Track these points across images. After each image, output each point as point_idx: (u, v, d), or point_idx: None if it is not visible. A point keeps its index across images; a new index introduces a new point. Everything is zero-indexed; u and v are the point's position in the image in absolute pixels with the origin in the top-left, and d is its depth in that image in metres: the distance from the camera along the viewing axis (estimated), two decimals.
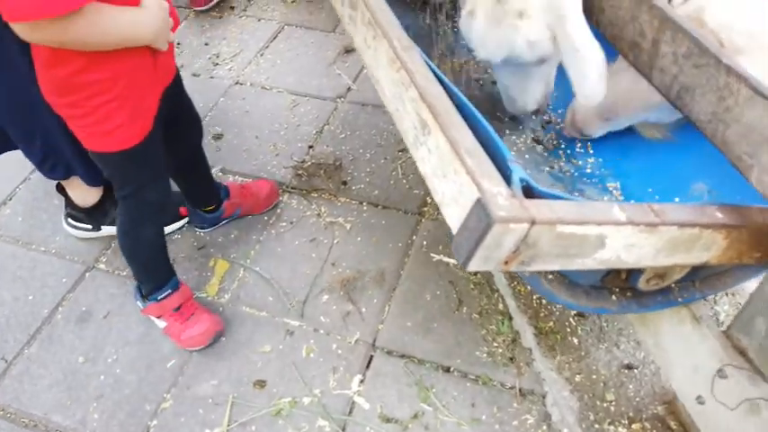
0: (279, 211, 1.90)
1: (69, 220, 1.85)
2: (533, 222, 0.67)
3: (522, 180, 0.74)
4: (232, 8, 2.81)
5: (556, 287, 0.95)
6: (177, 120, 1.50)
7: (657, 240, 0.78)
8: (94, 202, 1.80)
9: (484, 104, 1.48)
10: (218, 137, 2.16)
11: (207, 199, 1.80)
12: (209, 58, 2.52)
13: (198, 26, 2.71)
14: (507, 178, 0.74)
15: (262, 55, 2.52)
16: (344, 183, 1.95)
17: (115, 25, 1.11)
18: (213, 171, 2.03)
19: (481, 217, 0.67)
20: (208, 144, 2.12)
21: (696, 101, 0.99)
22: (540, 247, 0.71)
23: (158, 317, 1.58)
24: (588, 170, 1.34)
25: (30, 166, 1.88)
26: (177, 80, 1.47)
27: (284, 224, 1.85)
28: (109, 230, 1.83)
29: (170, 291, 1.55)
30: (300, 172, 1.99)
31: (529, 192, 0.75)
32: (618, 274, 0.99)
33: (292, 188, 1.96)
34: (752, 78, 0.88)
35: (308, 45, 2.56)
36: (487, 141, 0.80)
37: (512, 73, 1.25)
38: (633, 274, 0.97)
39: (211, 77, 2.42)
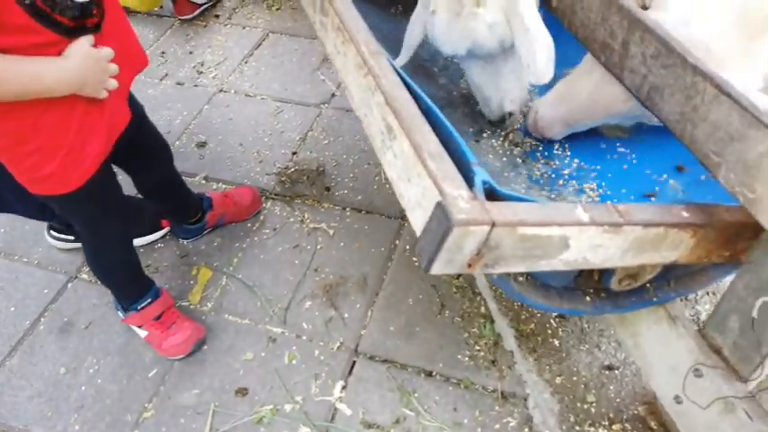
0: (262, 218, 1.89)
1: (51, 231, 1.84)
2: (494, 224, 0.67)
3: (485, 183, 0.74)
4: (217, 16, 2.81)
5: (527, 289, 0.95)
6: (142, 153, 1.49)
7: (623, 241, 0.78)
8: None
9: (461, 108, 1.48)
10: (201, 145, 2.16)
11: (189, 213, 1.79)
12: (194, 67, 2.52)
13: (182, 35, 2.71)
14: (471, 181, 0.75)
15: (246, 62, 2.52)
16: (328, 188, 1.95)
17: (14, 76, 1.03)
18: (197, 179, 2.04)
19: (442, 220, 0.67)
20: (191, 152, 2.13)
21: (665, 101, 0.99)
22: (503, 249, 0.71)
23: (139, 326, 1.57)
24: (565, 172, 1.34)
25: None
26: (137, 120, 1.40)
27: (267, 231, 1.85)
28: None
29: (150, 300, 1.54)
30: (284, 179, 1.99)
31: (493, 195, 0.75)
32: (590, 274, 0.99)
33: (276, 195, 1.95)
34: (717, 77, 0.88)
35: (293, 52, 2.56)
36: (453, 146, 0.80)
37: (481, 68, 1.28)
38: (605, 274, 0.97)
39: (195, 86, 2.42)
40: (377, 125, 0.88)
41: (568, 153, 1.38)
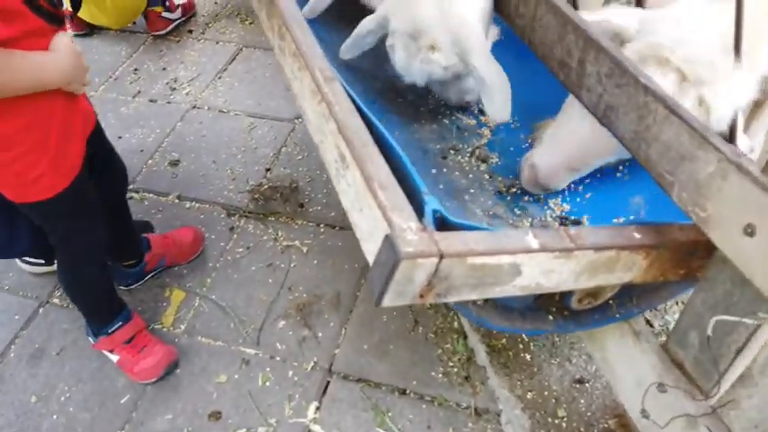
0: (236, 236, 1.88)
1: (25, 259, 1.82)
2: (442, 256, 0.67)
3: (435, 212, 0.74)
4: (190, 32, 2.80)
5: (487, 313, 0.95)
6: (99, 169, 1.47)
7: (575, 265, 0.78)
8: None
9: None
10: (174, 163, 2.14)
11: (127, 253, 1.71)
12: (167, 83, 2.50)
13: (156, 51, 2.69)
14: (422, 211, 0.75)
15: (219, 78, 2.51)
16: (301, 205, 1.94)
17: (24, 68, 1.10)
18: (170, 197, 2.02)
19: (390, 253, 0.67)
20: (164, 171, 2.11)
21: (620, 119, 1.00)
22: (454, 279, 0.71)
23: (110, 350, 1.55)
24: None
25: None
26: (98, 127, 1.43)
27: (241, 249, 1.84)
28: None
29: (121, 323, 1.53)
30: (257, 196, 1.98)
31: (445, 224, 0.75)
32: (551, 295, 0.99)
33: (249, 213, 1.95)
34: (668, 98, 0.89)
35: (266, 66, 2.56)
36: (406, 174, 0.81)
37: (440, 84, 1.34)
38: (566, 294, 0.98)
39: (168, 102, 2.41)
40: (331, 153, 0.88)
41: None
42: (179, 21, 2.80)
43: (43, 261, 1.81)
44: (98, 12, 2.54)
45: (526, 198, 1.29)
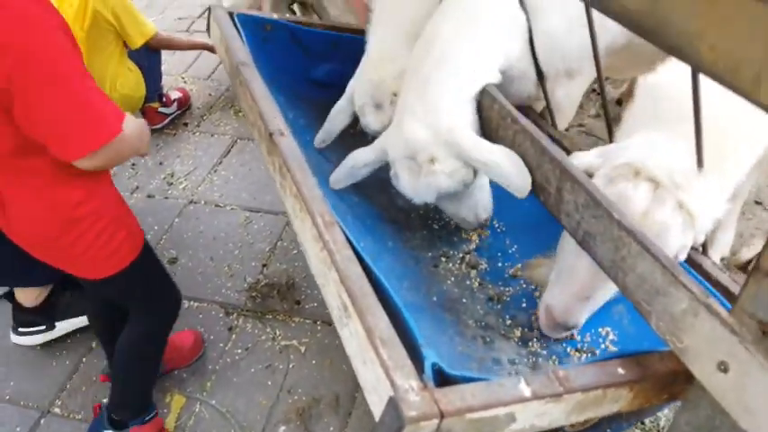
0: (234, 336, 1.92)
1: (19, 329, 1.85)
2: (443, 416, 0.73)
3: (434, 365, 0.80)
4: (185, 124, 2.92)
5: None
6: None
7: (565, 406, 0.84)
8: (42, 299, 1.85)
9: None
10: (173, 261, 2.20)
11: None
12: (164, 178, 2.59)
13: (152, 145, 2.79)
14: (421, 363, 0.81)
15: (215, 171, 2.61)
16: (298, 302, 1.99)
17: (135, 137, 1.31)
18: None
19: (394, 417, 0.72)
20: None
21: (598, 247, 1.07)
22: None
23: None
24: (520, 292, 1.42)
25: None
26: None
27: (239, 351, 1.87)
28: (63, 327, 1.90)
29: (154, 414, 1.62)
30: (254, 293, 2.03)
31: (442, 375, 0.81)
32: None
33: (247, 311, 1.99)
34: (639, 234, 0.97)
35: (260, 159, 2.65)
36: (404, 322, 0.87)
37: (450, 201, 1.37)
38: None
39: (166, 198, 2.49)
40: (334, 300, 0.94)
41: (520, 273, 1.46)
42: (175, 114, 2.92)
43: (44, 326, 1.85)
44: None
45: (515, 307, 1.36)
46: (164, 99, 2.85)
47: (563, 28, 1.36)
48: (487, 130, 1.36)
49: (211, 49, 2.90)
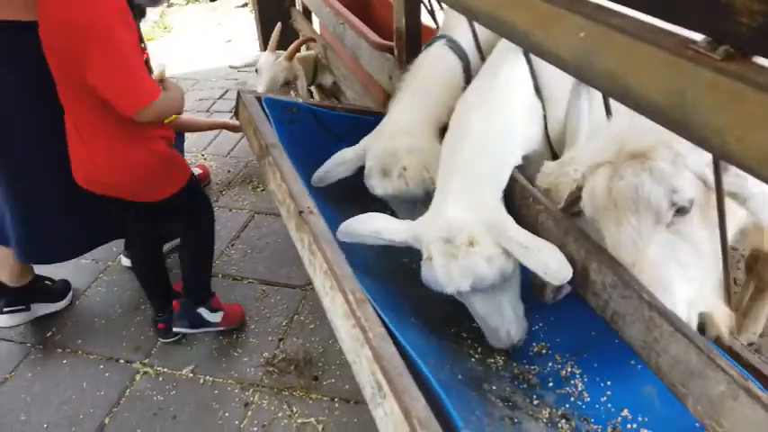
0: (250, 413, 1.88)
1: (3, 309, 2.17)
2: None
3: None
4: None
5: None
6: None
7: None
8: (26, 282, 2.21)
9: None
10: (191, 334, 2.19)
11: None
12: None
13: None
14: None
15: (233, 245, 2.64)
16: (316, 378, 1.97)
17: (172, 101, 1.87)
18: (184, 372, 2.04)
19: None
20: (179, 344, 2.15)
21: (627, 327, 1.08)
22: None
23: (219, 308, 2.15)
24: (546, 370, 1.40)
25: None
26: None
27: (255, 429, 1.83)
28: (37, 309, 2.28)
29: (214, 294, 2.19)
30: (271, 369, 2.01)
31: None
32: None
33: (264, 387, 1.96)
34: (672, 315, 0.98)
35: (277, 232, 2.70)
36: (439, 402, 0.86)
37: (483, 301, 1.33)
38: None
39: None
40: (366, 377, 0.94)
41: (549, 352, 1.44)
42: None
43: (23, 306, 2.20)
44: None
45: (542, 386, 1.34)
46: None
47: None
48: (509, 209, 1.39)
49: (231, 129, 3.01)
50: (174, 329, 2.13)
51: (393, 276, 1.60)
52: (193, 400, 1.93)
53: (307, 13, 3.53)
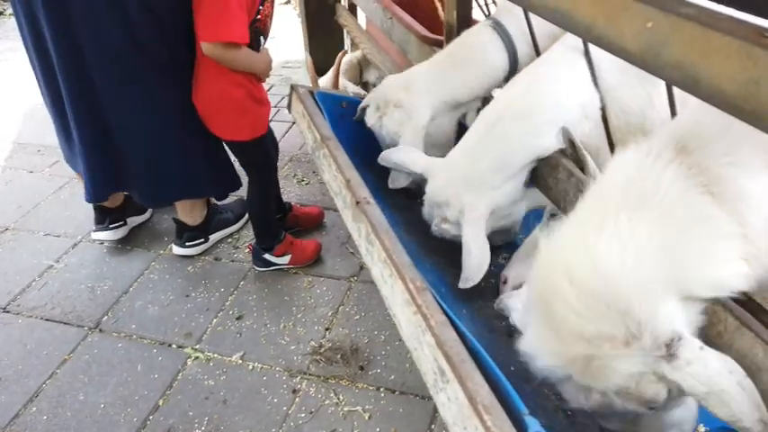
0: (298, 399, 1.92)
1: (186, 243, 2.55)
2: None
3: None
4: None
5: None
6: None
7: None
8: (202, 220, 2.56)
9: None
10: (239, 318, 2.25)
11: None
12: (230, 242, 2.69)
13: None
14: (523, 430, 0.81)
15: None
16: (362, 368, 2.00)
17: (253, 59, 2.06)
18: (233, 358, 2.10)
19: None
20: (228, 330, 2.21)
21: None
22: None
23: (283, 254, 2.42)
24: None
25: None
26: None
27: (303, 415, 1.87)
28: (215, 237, 2.66)
29: (285, 233, 2.45)
30: (318, 357, 2.05)
31: None
32: None
33: (310, 375, 2.00)
34: (736, 309, 0.97)
35: (322, 225, 2.75)
36: (500, 389, 0.88)
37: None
38: None
39: (232, 261, 2.57)
40: (428, 364, 0.96)
41: None
42: None
43: (202, 239, 2.60)
44: None
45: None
46: None
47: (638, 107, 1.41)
48: (563, 201, 1.39)
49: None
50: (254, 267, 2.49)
51: (442, 270, 1.62)
52: (243, 386, 1.99)
53: (352, 9, 3.56)
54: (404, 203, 1.89)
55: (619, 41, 1.05)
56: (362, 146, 1.90)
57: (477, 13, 1.94)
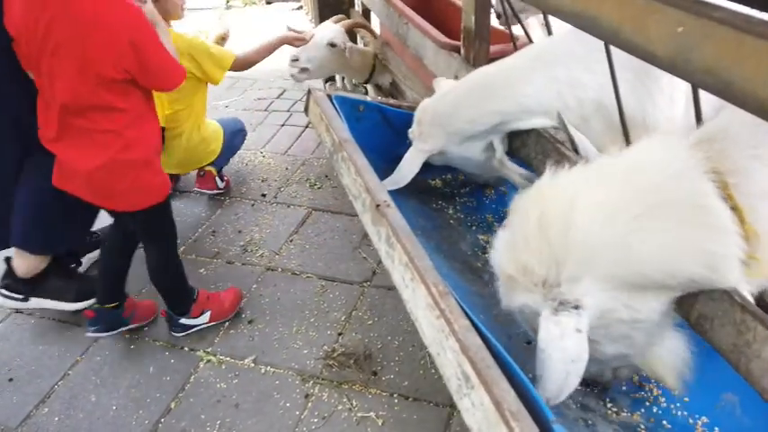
0: (310, 404, 1.91)
1: (2, 291, 2.19)
2: None
3: None
4: (263, 195, 3.05)
5: None
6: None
7: None
8: (34, 275, 2.20)
9: None
10: (251, 321, 2.24)
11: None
12: (243, 245, 2.69)
13: (231, 214, 2.93)
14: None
15: (291, 240, 2.69)
16: (375, 373, 1.98)
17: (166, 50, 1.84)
18: (246, 362, 2.09)
19: None
20: (241, 334, 2.20)
21: (715, 330, 1.05)
22: None
23: (201, 312, 2.19)
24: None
25: None
26: None
27: (316, 420, 1.86)
28: (34, 303, 2.25)
29: (196, 292, 2.21)
30: (331, 362, 2.04)
31: None
32: None
33: (323, 380, 1.99)
34: (767, 319, 0.95)
35: (334, 229, 2.74)
36: (527, 395, 0.86)
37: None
38: None
39: (244, 264, 2.57)
40: (452, 369, 0.94)
41: None
42: (218, 192, 3.07)
43: (21, 296, 2.21)
44: (165, 158, 2.86)
45: (615, 390, 1.31)
46: (223, 174, 3.07)
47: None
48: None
49: (291, 41, 2.91)
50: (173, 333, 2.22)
51: (459, 275, 1.61)
52: (255, 390, 1.98)
53: (366, 14, 3.57)
54: (420, 209, 1.88)
55: (646, 46, 1.04)
56: (379, 151, 1.89)
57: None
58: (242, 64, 2.78)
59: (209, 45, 2.74)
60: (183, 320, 2.19)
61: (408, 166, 1.69)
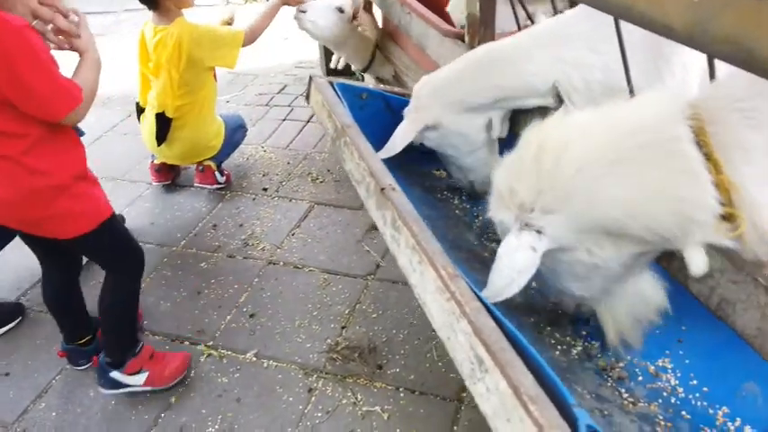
0: (314, 398, 1.87)
1: None
2: None
3: (589, 427, 0.74)
4: (265, 189, 3.01)
5: None
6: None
7: None
8: None
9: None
10: (252, 315, 2.20)
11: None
12: (244, 239, 2.64)
13: (233, 207, 2.89)
14: (571, 423, 0.75)
15: (293, 234, 2.65)
16: (380, 366, 1.94)
17: (94, 69, 1.65)
18: (248, 356, 2.05)
19: None
20: (242, 327, 2.16)
21: (738, 314, 1.01)
22: None
23: (138, 370, 1.89)
24: (634, 364, 1.33)
25: None
26: None
27: (320, 414, 1.81)
28: None
29: (142, 344, 1.94)
30: (335, 356, 1.99)
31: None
32: None
33: (327, 373, 1.94)
34: None
35: (337, 223, 2.70)
36: (545, 379, 0.82)
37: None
38: None
39: (245, 258, 2.53)
40: (464, 353, 0.90)
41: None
42: (218, 187, 3.03)
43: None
44: (167, 149, 2.83)
45: (631, 379, 1.27)
46: (224, 172, 3.03)
47: None
48: None
49: (291, 2, 2.86)
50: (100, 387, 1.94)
51: (466, 264, 1.56)
52: (257, 384, 1.94)
53: (367, 7, 3.53)
54: (425, 199, 1.84)
55: (662, 18, 0.99)
56: (383, 138, 1.85)
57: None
58: (251, 36, 2.75)
59: (217, 27, 2.74)
60: (115, 374, 1.89)
61: (402, 135, 1.66)
